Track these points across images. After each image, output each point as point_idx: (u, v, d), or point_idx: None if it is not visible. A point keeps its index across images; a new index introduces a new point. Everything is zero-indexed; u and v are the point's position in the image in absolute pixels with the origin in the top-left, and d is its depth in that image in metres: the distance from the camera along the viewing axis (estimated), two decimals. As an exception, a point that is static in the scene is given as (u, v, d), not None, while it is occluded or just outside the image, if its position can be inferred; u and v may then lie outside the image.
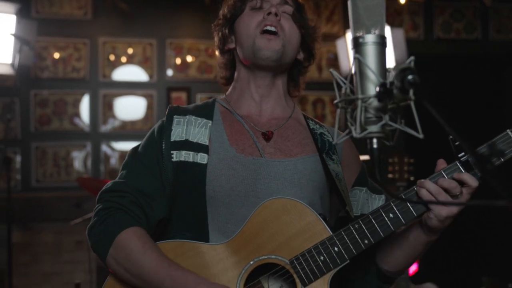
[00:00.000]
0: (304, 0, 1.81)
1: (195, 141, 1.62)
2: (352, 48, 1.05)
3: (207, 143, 1.61)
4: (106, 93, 5.76)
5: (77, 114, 5.70)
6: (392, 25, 5.48)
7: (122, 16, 5.75)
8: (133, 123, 5.80)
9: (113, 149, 5.73)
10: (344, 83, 1.07)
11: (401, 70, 0.96)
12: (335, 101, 1.07)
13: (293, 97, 1.82)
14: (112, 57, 5.77)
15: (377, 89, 0.98)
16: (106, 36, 5.77)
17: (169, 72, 5.90)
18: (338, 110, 1.08)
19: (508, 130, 1.53)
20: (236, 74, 1.78)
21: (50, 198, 5.40)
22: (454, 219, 1.51)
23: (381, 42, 1.04)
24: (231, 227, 1.53)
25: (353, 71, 1.05)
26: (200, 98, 5.85)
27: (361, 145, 1.35)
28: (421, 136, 1.00)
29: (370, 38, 1.04)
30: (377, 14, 1.06)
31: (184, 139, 1.62)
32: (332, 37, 5.80)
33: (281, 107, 1.75)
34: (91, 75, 5.73)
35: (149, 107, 5.83)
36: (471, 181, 1.46)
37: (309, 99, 6.01)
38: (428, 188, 1.47)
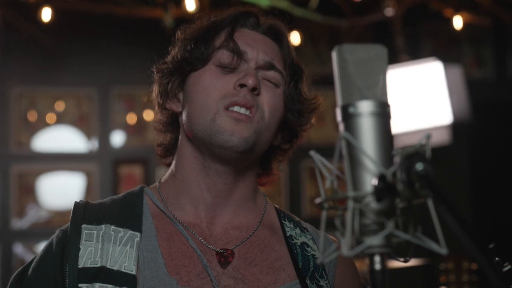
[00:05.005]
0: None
1: (115, 268, 1.58)
2: (341, 122, 1.07)
3: (134, 272, 1.57)
4: (22, 170, 5.80)
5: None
6: (445, 60, 5.52)
7: (46, 56, 5.87)
8: (63, 214, 5.79)
9: (34, 254, 5.69)
10: (330, 173, 1.08)
11: (406, 156, 0.97)
12: (318, 200, 1.07)
13: (261, 185, 1.82)
14: (31, 116, 5.83)
15: (374, 183, 1.00)
16: (22, 85, 5.87)
17: (117, 137, 5.96)
18: (324, 213, 1.09)
19: None
20: (177, 154, 1.76)
21: None
22: None
23: (382, 112, 1.05)
24: None
25: (342, 154, 1.06)
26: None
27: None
28: (444, 251, 1.00)
29: (365, 107, 1.05)
30: (375, 71, 1.08)
31: (98, 265, 1.58)
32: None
33: (246, 210, 1.74)
34: (-1, 144, 5.79)
35: (89, 188, 5.85)
36: None
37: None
38: None
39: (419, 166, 0.95)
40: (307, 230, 1.79)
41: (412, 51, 5.91)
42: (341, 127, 1.06)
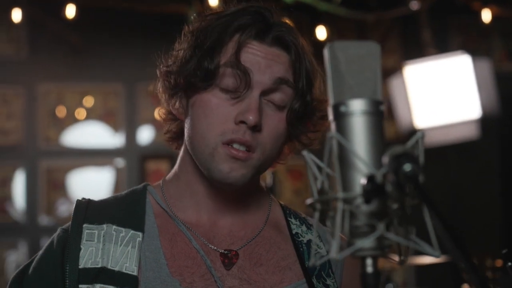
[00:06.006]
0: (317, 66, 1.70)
1: (116, 269, 1.57)
2: (332, 121, 1.05)
3: (135, 273, 1.56)
4: (50, 166, 5.84)
5: (7, 198, 5.78)
6: (475, 54, 5.48)
7: (73, 53, 5.90)
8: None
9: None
10: (321, 173, 1.06)
11: (395, 157, 0.94)
12: (308, 201, 1.06)
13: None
14: (59, 112, 5.86)
15: (362, 184, 0.97)
16: (49, 82, 5.91)
17: (144, 132, 5.97)
18: (316, 214, 1.07)
19: None
20: (181, 157, 1.71)
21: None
22: None
23: (375, 111, 1.03)
24: None
25: (332, 154, 1.04)
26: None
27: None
28: (436, 254, 0.98)
29: (357, 106, 1.03)
30: (367, 69, 1.06)
31: (99, 265, 1.57)
32: (384, 73, 5.84)
33: (251, 211, 1.73)
34: (27, 140, 5.83)
35: (118, 183, 5.88)
36: None
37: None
38: None
39: (407, 167, 0.93)
40: (313, 227, 1.77)
41: (441, 45, 5.86)
42: (332, 126, 1.05)
